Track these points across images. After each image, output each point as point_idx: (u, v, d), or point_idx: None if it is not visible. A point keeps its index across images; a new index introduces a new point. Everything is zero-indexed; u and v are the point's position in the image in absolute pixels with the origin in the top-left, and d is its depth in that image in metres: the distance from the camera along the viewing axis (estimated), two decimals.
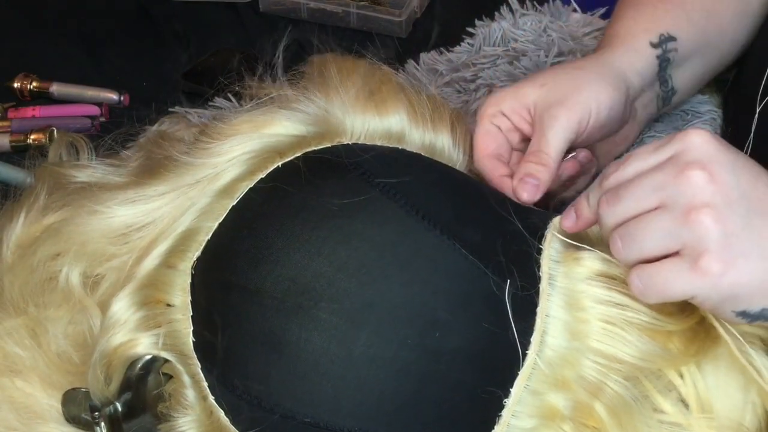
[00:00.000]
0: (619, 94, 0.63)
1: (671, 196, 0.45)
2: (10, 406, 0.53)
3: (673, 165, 0.46)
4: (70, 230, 0.55)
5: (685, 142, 0.46)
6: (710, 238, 0.44)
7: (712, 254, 0.44)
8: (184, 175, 0.54)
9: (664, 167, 0.46)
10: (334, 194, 0.50)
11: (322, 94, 0.56)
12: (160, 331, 0.51)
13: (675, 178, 0.45)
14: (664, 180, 0.46)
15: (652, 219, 0.46)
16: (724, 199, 0.44)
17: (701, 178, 0.45)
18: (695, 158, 0.45)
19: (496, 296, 0.48)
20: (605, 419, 0.48)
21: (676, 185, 0.45)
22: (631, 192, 0.47)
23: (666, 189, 0.45)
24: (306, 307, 0.47)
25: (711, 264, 0.44)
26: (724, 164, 0.45)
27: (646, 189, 0.46)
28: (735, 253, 0.44)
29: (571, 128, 0.60)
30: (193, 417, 0.50)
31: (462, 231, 0.49)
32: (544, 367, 0.48)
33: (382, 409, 0.47)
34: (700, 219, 0.44)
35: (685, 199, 0.45)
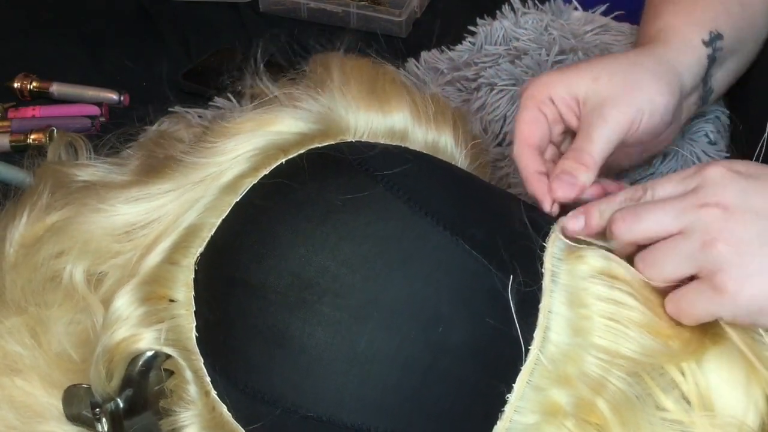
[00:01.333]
0: (673, 95, 0.61)
1: (691, 224, 0.49)
2: (10, 405, 0.53)
3: (695, 197, 0.49)
4: (74, 228, 0.55)
5: (705, 177, 0.50)
6: (724, 261, 0.47)
7: (725, 273, 0.47)
8: (189, 173, 0.54)
9: (687, 198, 0.50)
10: (337, 190, 0.50)
11: (325, 92, 0.56)
12: (163, 326, 0.51)
13: (695, 209, 0.49)
14: (685, 209, 0.49)
15: (673, 245, 0.49)
16: (737, 224, 0.48)
17: (716, 211, 0.48)
18: (711, 193, 0.49)
19: (499, 292, 0.48)
20: (607, 416, 0.48)
21: (696, 216, 0.49)
22: (654, 215, 0.50)
23: (686, 217, 0.49)
24: (309, 302, 0.47)
25: (726, 282, 0.47)
26: (736, 193, 0.49)
27: (669, 214, 0.49)
28: (750, 270, 0.47)
29: (621, 131, 0.58)
30: (195, 412, 0.50)
31: (465, 228, 0.49)
32: (546, 362, 0.48)
33: (385, 403, 0.47)
34: (716, 246, 0.48)
35: (702, 228, 0.48)
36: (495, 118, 0.81)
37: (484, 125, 0.80)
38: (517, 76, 0.83)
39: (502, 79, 0.83)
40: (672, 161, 0.72)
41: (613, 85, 0.58)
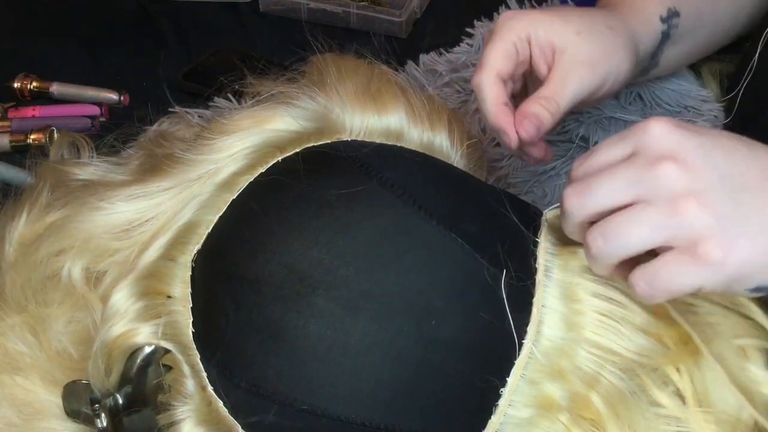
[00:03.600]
0: (633, 65, 0.62)
1: (650, 190, 0.44)
2: (11, 403, 0.53)
3: (643, 158, 0.44)
4: (73, 227, 0.56)
5: (648, 134, 0.45)
6: (702, 225, 0.43)
7: (709, 241, 0.43)
8: (187, 171, 0.54)
9: (635, 161, 0.45)
10: (331, 185, 0.50)
11: (321, 92, 0.56)
12: (160, 321, 0.51)
13: (649, 172, 0.44)
14: (638, 174, 0.44)
15: (637, 214, 0.44)
16: (705, 184, 0.43)
17: (674, 169, 0.43)
18: (662, 150, 0.44)
19: (492, 287, 0.48)
20: (601, 410, 0.48)
21: (653, 179, 0.44)
22: (604, 185, 0.45)
23: (642, 183, 0.44)
24: (304, 295, 0.47)
25: (711, 251, 0.43)
26: (693, 150, 0.44)
27: (620, 182, 0.45)
28: (732, 235, 0.43)
29: (590, 91, 0.59)
30: (192, 406, 0.50)
31: (459, 223, 0.50)
32: (540, 356, 0.49)
33: (379, 396, 0.47)
34: (687, 208, 0.43)
35: (665, 192, 0.43)
36: None
37: (482, 126, 0.80)
38: None
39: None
40: None
41: (593, 44, 0.59)
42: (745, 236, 0.43)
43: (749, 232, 0.43)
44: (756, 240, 0.43)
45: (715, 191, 0.43)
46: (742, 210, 0.43)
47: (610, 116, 0.79)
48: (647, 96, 0.81)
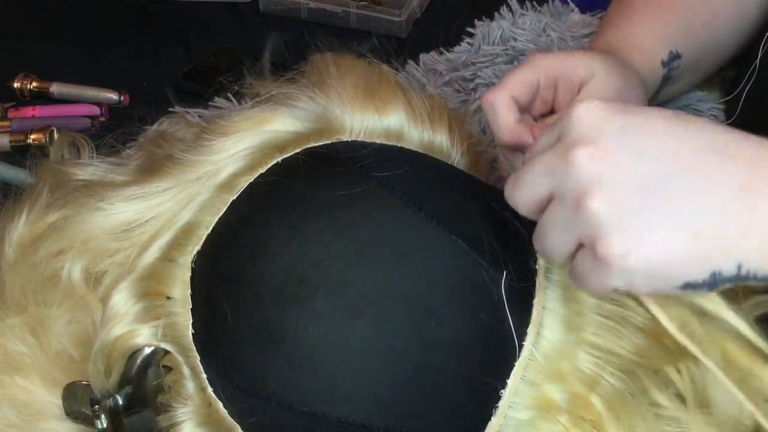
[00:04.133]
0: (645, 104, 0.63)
1: (561, 183, 0.42)
2: (11, 404, 0.53)
3: (560, 145, 0.42)
4: (73, 227, 0.56)
5: (571, 117, 0.42)
6: (600, 221, 0.40)
7: (606, 238, 0.40)
8: (186, 172, 0.54)
9: (554, 148, 0.42)
10: (332, 186, 0.50)
11: (321, 92, 0.56)
12: (160, 322, 0.51)
13: (561, 160, 0.41)
14: (552, 163, 0.42)
15: (550, 215, 0.43)
16: (613, 173, 0.40)
17: (585, 156, 0.40)
18: (579, 135, 0.41)
19: (492, 288, 0.48)
20: (602, 412, 0.48)
21: (563, 169, 0.41)
22: (527, 178, 0.44)
23: (554, 174, 0.42)
24: (303, 297, 0.47)
25: (608, 249, 0.40)
26: (612, 133, 0.41)
27: (537, 174, 0.43)
28: (636, 229, 0.40)
29: None
30: (192, 408, 0.50)
31: (459, 224, 0.50)
32: (540, 358, 0.49)
33: (378, 399, 0.47)
34: (587, 205, 0.40)
35: (572, 185, 0.41)
36: None
37: (483, 126, 0.80)
38: None
39: (499, 79, 0.83)
40: None
41: (617, 81, 0.60)
42: (653, 229, 0.40)
43: (659, 225, 0.40)
44: (667, 234, 0.40)
45: (626, 181, 0.40)
46: (654, 201, 0.40)
47: None
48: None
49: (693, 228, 0.40)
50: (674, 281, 0.41)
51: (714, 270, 0.41)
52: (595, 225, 0.41)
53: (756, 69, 0.67)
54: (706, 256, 0.41)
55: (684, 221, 0.40)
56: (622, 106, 0.42)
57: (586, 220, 0.41)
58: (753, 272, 0.41)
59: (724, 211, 0.40)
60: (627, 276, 0.41)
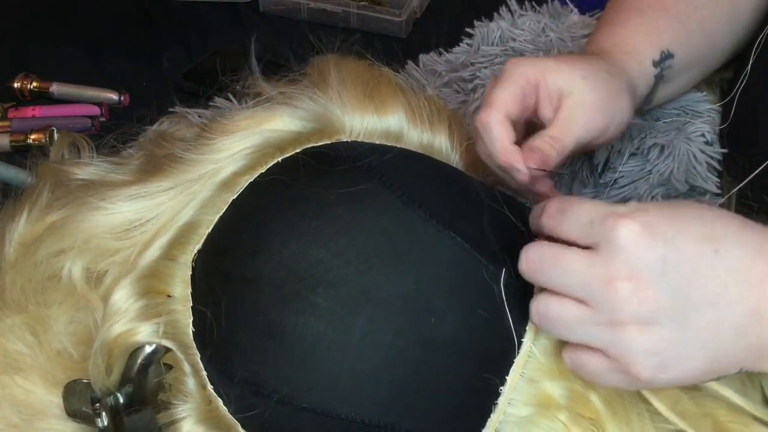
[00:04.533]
0: (632, 109, 0.63)
1: (598, 301, 0.44)
2: (11, 403, 0.53)
3: (601, 266, 0.44)
4: (74, 227, 0.56)
5: (614, 241, 0.44)
6: (637, 350, 0.44)
7: (640, 367, 0.44)
8: (187, 171, 0.54)
9: (593, 263, 0.44)
10: (331, 185, 0.51)
11: (322, 92, 0.56)
12: (161, 320, 0.51)
13: (602, 283, 0.44)
14: (592, 281, 0.44)
15: (577, 317, 0.45)
16: (651, 308, 0.43)
17: (627, 290, 0.43)
18: (622, 265, 0.43)
19: (491, 285, 0.48)
20: (600, 409, 0.48)
21: (603, 294, 0.44)
22: (560, 270, 0.45)
23: (592, 291, 0.44)
24: (303, 294, 0.47)
25: (639, 374, 0.44)
26: (652, 267, 0.43)
27: (571, 280, 0.45)
28: (667, 359, 0.44)
29: (594, 135, 0.59)
30: (192, 405, 0.50)
31: (458, 222, 0.50)
32: (539, 355, 0.49)
33: (378, 395, 0.47)
34: (626, 334, 0.43)
35: (610, 310, 0.44)
36: None
37: None
38: None
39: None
40: (668, 158, 0.72)
41: (598, 90, 0.59)
42: (680, 359, 0.44)
43: (687, 355, 0.44)
44: (692, 362, 0.44)
45: (661, 313, 0.43)
46: (685, 333, 0.44)
47: None
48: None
49: (711, 354, 0.45)
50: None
51: (720, 375, 0.46)
52: (630, 351, 0.44)
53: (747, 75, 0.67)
54: (717, 370, 0.45)
55: (706, 350, 0.44)
56: (660, 229, 0.44)
57: (621, 344, 0.44)
58: (751, 369, 0.46)
59: (738, 336, 0.44)
60: (648, 387, 0.47)
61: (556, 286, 0.46)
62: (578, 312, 0.45)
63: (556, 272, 0.46)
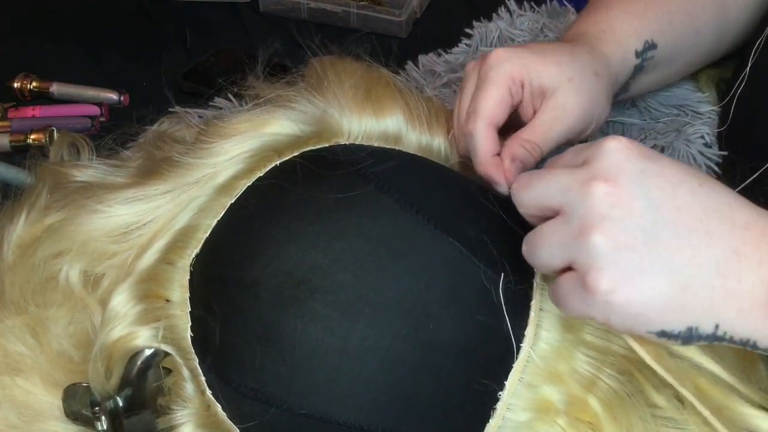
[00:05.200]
0: (610, 104, 0.62)
1: (572, 205, 0.44)
2: (11, 405, 0.53)
3: (583, 171, 0.44)
4: (71, 229, 0.56)
5: (600, 149, 0.44)
6: (598, 254, 0.42)
7: (598, 271, 0.42)
8: (185, 174, 0.54)
9: (575, 172, 0.45)
10: (329, 190, 0.50)
11: (320, 95, 0.56)
12: (160, 324, 0.51)
13: (580, 186, 0.44)
14: (569, 184, 0.44)
15: (550, 229, 0.45)
16: (623, 212, 0.42)
17: (602, 190, 0.43)
18: (602, 168, 0.43)
19: (490, 290, 0.48)
20: (599, 413, 0.48)
21: (579, 195, 0.43)
22: (541, 184, 0.46)
23: (569, 194, 0.44)
24: (301, 299, 0.47)
25: (597, 281, 0.42)
26: (632, 174, 0.43)
27: (552, 186, 0.45)
28: (629, 269, 0.42)
29: (574, 136, 0.59)
30: (191, 410, 0.50)
31: (456, 226, 0.50)
32: (538, 360, 0.49)
33: (377, 400, 0.47)
34: (591, 234, 0.42)
35: (582, 211, 0.43)
36: None
37: None
38: None
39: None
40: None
41: (582, 93, 0.59)
42: (644, 273, 0.42)
43: (653, 270, 0.42)
44: (657, 280, 0.42)
45: (632, 221, 0.42)
46: (654, 247, 0.42)
47: (610, 120, 0.78)
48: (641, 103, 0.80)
49: (682, 280, 0.42)
50: (651, 326, 0.43)
51: (691, 325, 0.43)
52: (591, 256, 0.42)
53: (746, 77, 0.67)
54: (687, 309, 0.43)
55: (676, 272, 0.42)
56: (646, 151, 0.44)
57: (585, 249, 0.43)
58: (729, 334, 0.43)
59: (716, 271, 0.42)
60: (606, 311, 0.43)
61: (539, 197, 0.46)
62: (553, 224, 0.45)
63: (541, 183, 0.46)
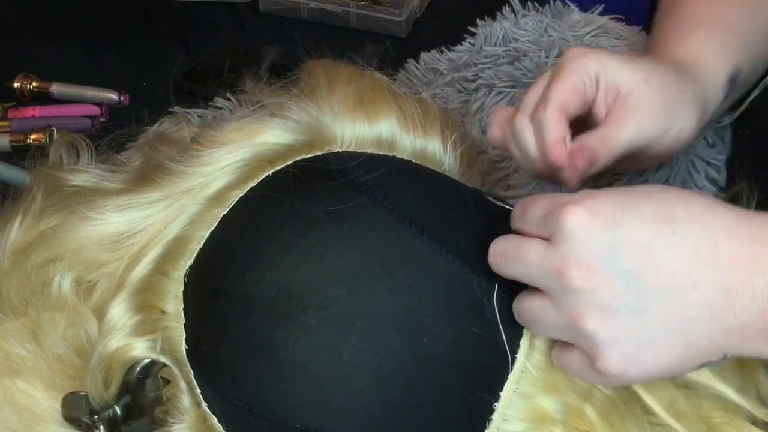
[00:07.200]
0: (698, 126, 0.59)
1: (553, 291, 0.44)
2: (12, 407, 0.53)
3: (552, 255, 0.44)
4: (63, 236, 0.55)
5: (561, 228, 0.44)
6: (598, 342, 0.43)
7: (605, 360, 0.43)
8: (177, 183, 0.54)
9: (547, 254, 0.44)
10: (321, 201, 0.50)
11: (312, 102, 0.56)
12: (156, 336, 0.51)
13: (555, 275, 0.43)
14: (544, 271, 0.44)
15: (542, 311, 0.45)
16: (606, 295, 0.42)
17: (578, 278, 0.43)
18: (570, 253, 0.43)
19: (484, 301, 0.48)
20: (596, 422, 0.48)
21: (556, 282, 0.44)
22: (517, 264, 0.46)
23: (547, 280, 0.44)
24: (294, 314, 0.47)
25: (607, 368, 0.43)
26: (601, 253, 0.43)
27: (528, 268, 0.45)
28: (630, 349, 0.43)
29: (646, 143, 0.56)
30: (188, 423, 0.50)
31: (449, 237, 0.49)
32: (533, 370, 0.49)
33: (371, 414, 0.47)
34: (584, 325, 0.43)
35: (567, 301, 0.43)
36: None
37: (483, 126, 0.80)
38: (516, 78, 0.83)
39: (501, 81, 0.83)
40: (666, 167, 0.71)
41: (660, 98, 0.56)
42: (646, 347, 0.43)
43: (656, 343, 0.43)
44: (659, 350, 0.43)
45: (618, 301, 0.42)
46: (646, 318, 0.42)
47: None
48: None
49: (683, 339, 0.43)
50: (667, 377, 0.46)
51: (702, 363, 0.44)
52: (591, 344, 0.43)
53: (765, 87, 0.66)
54: (694, 357, 0.44)
55: (674, 334, 0.43)
56: (608, 215, 0.43)
57: (582, 337, 0.44)
58: (737, 354, 0.44)
59: (710, 317, 0.42)
60: (623, 382, 0.45)
61: (517, 276, 0.46)
62: (542, 304, 0.45)
63: (516, 264, 0.46)
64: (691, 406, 0.49)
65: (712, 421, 0.49)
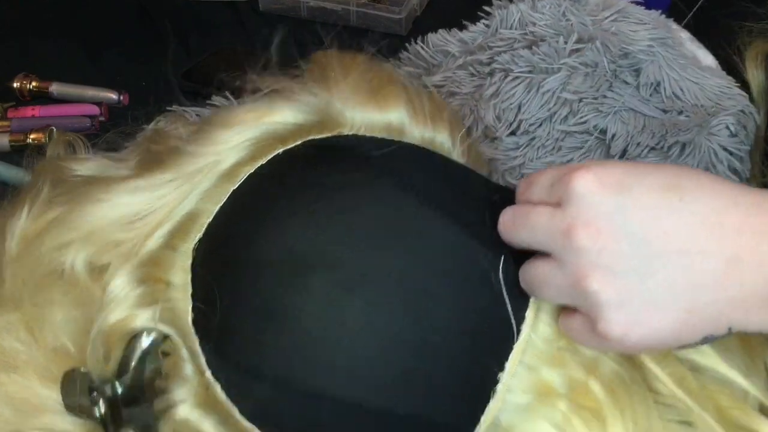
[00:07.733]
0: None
1: (559, 252, 0.44)
2: (7, 400, 0.53)
3: (560, 217, 0.44)
4: (77, 219, 0.55)
5: (570, 191, 0.44)
6: (601, 303, 0.43)
7: (606, 321, 0.43)
8: (189, 163, 0.54)
9: (554, 217, 0.45)
10: (330, 172, 0.51)
11: (323, 87, 0.56)
12: (159, 307, 0.51)
13: (562, 235, 0.44)
14: (552, 233, 0.44)
15: (547, 276, 0.45)
16: (612, 256, 0.43)
17: (585, 239, 0.43)
18: (578, 214, 0.43)
19: (491, 272, 0.48)
20: (601, 397, 0.48)
21: (564, 242, 0.44)
22: (525, 230, 0.46)
23: (555, 242, 0.44)
24: (301, 275, 0.47)
25: (608, 330, 0.43)
26: (609, 214, 0.43)
27: (536, 233, 0.46)
28: (634, 311, 0.43)
29: None
30: (190, 390, 0.50)
31: (457, 209, 0.50)
32: (538, 342, 0.49)
33: (375, 378, 0.47)
34: (588, 285, 0.43)
35: (572, 259, 0.44)
36: (509, 106, 0.78)
37: (497, 113, 0.78)
38: (534, 63, 0.80)
39: (518, 66, 0.80)
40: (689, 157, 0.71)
41: None
42: (648, 310, 0.42)
43: (656, 306, 0.42)
44: (663, 314, 0.43)
45: (624, 263, 0.42)
46: (651, 282, 0.42)
47: (630, 108, 0.76)
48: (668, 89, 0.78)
49: (687, 305, 0.42)
50: (669, 347, 0.45)
51: (706, 335, 0.43)
52: (594, 305, 0.43)
53: None
54: (698, 326, 0.43)
55: (679, 300, 0.42)
56: (617, 180, 0.44)
57: (585, 298, 0.43)
58: (743, 330, 0.43)
59: (716, 285, 0.42)
60: (624, 347, 0.45)
61: (526, 242, 0.47)
62: (548, 267, 0.45)
63: (525, 229, 0.46)
64: (700, 386, 0.48)
65: (721, 404, 0.48)
